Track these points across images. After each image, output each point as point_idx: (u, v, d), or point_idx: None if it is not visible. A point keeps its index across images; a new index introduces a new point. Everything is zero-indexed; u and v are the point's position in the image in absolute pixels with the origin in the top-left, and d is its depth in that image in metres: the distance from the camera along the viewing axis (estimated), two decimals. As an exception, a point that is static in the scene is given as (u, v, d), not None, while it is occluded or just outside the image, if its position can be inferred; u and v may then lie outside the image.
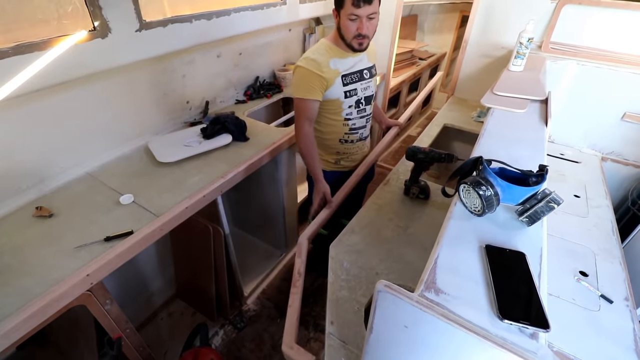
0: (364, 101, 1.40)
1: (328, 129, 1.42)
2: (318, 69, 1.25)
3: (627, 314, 1.06)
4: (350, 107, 1.37)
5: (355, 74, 1.35)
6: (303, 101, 1.27)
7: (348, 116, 1.39)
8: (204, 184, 1.33)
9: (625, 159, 1.89)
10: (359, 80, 1.36)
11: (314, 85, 1.26)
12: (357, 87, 1.36)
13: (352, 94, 1.35)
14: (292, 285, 1.06)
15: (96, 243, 1.06)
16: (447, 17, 3.69)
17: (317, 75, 1.25)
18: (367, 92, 1.40)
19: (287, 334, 0.90)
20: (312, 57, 1.26)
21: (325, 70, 1.26)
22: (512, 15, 1.95)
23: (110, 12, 1.21)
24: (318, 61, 1.25)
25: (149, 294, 1.82)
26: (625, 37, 1.71)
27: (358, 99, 1.38)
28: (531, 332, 0.55)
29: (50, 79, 1.13)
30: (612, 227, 1.41)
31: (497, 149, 1.04)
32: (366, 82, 1.39)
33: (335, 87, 1.30)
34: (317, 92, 1.27)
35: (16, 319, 0.84)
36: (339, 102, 1.34)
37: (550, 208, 0.71)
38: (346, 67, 1.32)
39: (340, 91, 1.32)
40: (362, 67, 1.37)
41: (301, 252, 1.12)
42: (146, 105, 1.57)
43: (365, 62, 1.38)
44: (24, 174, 1.23)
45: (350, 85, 1.34)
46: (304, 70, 1.25)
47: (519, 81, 1.54)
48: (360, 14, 1.16)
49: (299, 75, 1.27)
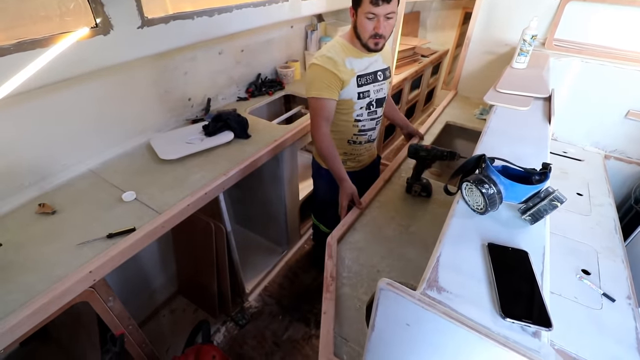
0: (375, 103, 1.38)
1: (337, 129, 1.40)
2: (335, 67, 1.22)
3: (629, 313, 1.06)
4: (362, 108, 1.35)
5: (370, 75, 1.32)
6: (319, 100, 1.24)
7: (359, 117, 1.37)
8: (206, 181, 1.33)
9: (628, 157, 1.88)
10: (373, 82, 1.34)
11: (331, 84, 1.23)
12: (370, 89, 1.33)
13: (365, 96, 1.33)
14: (324, 290, 1.01)
15: (99, 240, 1.06)
16: (449, 13, 3.66)
17: (333, 74, 1.22)
18: (379, 95, 1.38)
19: (323, 345, 0.84)
20: (329, 55, 1.23)
21: (342, 69, 1.23)
22: (515, 12, 1.93)
23: (112, 9, 1.21)
24: (335, 59, 1.22)
25: (151, 290, 1.83)
26: (630, 34, 1.70)
27: (370, 100, 1.35)
28: (533, 330, 0.55)
29: (52, 76, 1.13)
30: (614, 225, 1.40)
31: (500, 146, 1.03)
32: (379, 84, 1.36)
33: (350, 88, 1.28)
34: (334, 91, 1.24)
35: (19, 315, 0.85)
36: (352, 103, 1.32)
37: (553, 206, 0.71)
38: (361, 68, 1.29)
39: (354, 92, 1.30)
40: (377, 69, 1.34)
41: (331, 253, 1.09)
42: (148, 102, 1.57)
43: (380, 64, 1.35)
44: (27, 171, 1.23)
45: (365, 86, 1.31)
46: (320, 68, 1.22)
47: (522, 78, 1.54)
48: (378, 13, 1.13)
49: (315, 73, 1.24)
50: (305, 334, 1.77)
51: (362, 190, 1.72)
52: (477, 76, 2.23)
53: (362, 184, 1.66)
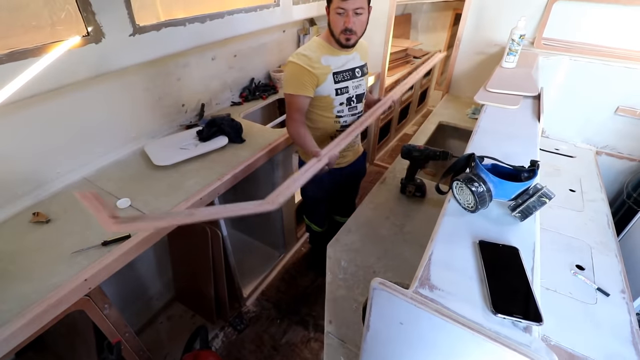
0: (356, 99, 1.42)
1: (319, 125, 1.43)
2: (309, 64, 1.26)
3: (623, 307, 1.07)
4: (342, 104, 1.39)
5: (347, 72, 1.36)
6: (293, 97, 1.30)
7: (339, 113, 1.41)
8: (201, 187, 1.33)
9: (619, 153, 1.90)
10: (351, 78, 1.38)
11: (305, 81, 1.27)
12: (349, 85, 1.38)
13: (343, 92, 1.37)
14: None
15: (94, 248, 1.06)
16: (440, 15, 3.70)
17: (307, 71, 1.26)
18: (358, 90, 1.42)
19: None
20: (304, 52, 1.28)
21: (317, 66, 1.28)
22: (504, 12, 1.96)
23: (103, 17, 1.21)
24: (309, 57, 1.27)
25: (147, 297, 1.82)
26: (617, 32, 1.73)
27: (349, 96, 1.39)
28: (524, 325, 0.55)
29: (45, 85, 1.13)
30: (607, 220, 1.42)
31: (491, 145, 1.05)
32: (358, 81, 1.40)
33: (327, 84, 1.32)
34: (308, 88, 1.29)
35: (15, 325, 0.84)
36: (330, 99, 1.36)
37: (542, 203, 0.72)
38: (338, 65, 1.33)
39: (332, 88, 1.34)
40: (354, 66, 1.38)
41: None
42: (142, 109, 1.57)
43: (357, 61, 1.39)
44: (21, 180, 1.23)
45: (342, 82, 1.35)
46: (295, 65, 1.27)
47: (512, 78, 1.55)
48: (347, 7, 1.18)
49: (290, 71, 1.29)
50: (304, 337, 1.77)
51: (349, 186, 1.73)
52: (468, 76, 2.26)
53: (348, 180, 1.68)
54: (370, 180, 2.87)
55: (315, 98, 1.34)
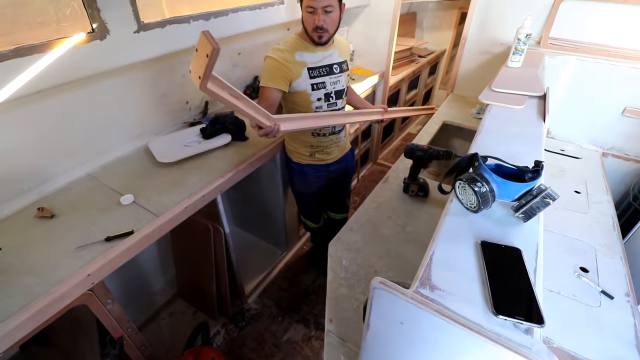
0: (335, 95, 1.44)
1: None
2: (283, 58, 1.29)
3: (628, 310, 1.06)
4: (320, 100, 1.40)
5: (324, 67, 1.38)
6: (263, 88, 1.32)
7: (318, 109, 1.42)
8: (204, 184, 1.34)
9: (626, 154, 1.88)
10: (328, 74, 1.40)
11: (276, 74, 1.29)
12: (326, 81, 1.40)
13: (319, 87, 1.38)
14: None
15: (97, 243, 1.07)
16: (446, 14, 3.68)
17: (281, 64, 1.29)
18: (337, 87, 1.43)
19: None
20: (279, 47, 1.32)
21: (290, 60, 1.31)
22: (510, 11, 1.94)
23: (108, 14, 1.22)
24: (283, 52, 1.31)
25: (150, 293, 1.84)
26: (625, 32, 1.70)
27: (327, 92, 1.41)
28: (526, 327, 0.55)
29: (49, 81, 1.14)
30: (613, 222, 1.40)
31: (495, 145, 1.04)
32: (336, 77, 1.42)
33: (302, 80, 1.34)
34: (279, 81, 1.30)
35: (19, 319, 0.85)
36: (307, 94, 1.37)
37: (545, 204, 0.71)
38: (314, 61, 1.35)
39: (307, 83, 1.35)
40: (332, 62, 1.40)
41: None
42: (146, 106, 1.58)
43: (335, 57, 1.42)
44: (26, 175, 1.24)
45: (318, 78, 1.37)
46: (270, 59, 1.30)
47: (517, 77, 1.54)
48: (316, 6, 1.21)
49: (265, 64, 1.32)
50: (305, 335, 1.77)
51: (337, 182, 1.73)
52: (473, 76, 2.24)
53: (336, 176, 1.68)
54: (373, 179, 2.86)
55: (293, 94, 1.36)
